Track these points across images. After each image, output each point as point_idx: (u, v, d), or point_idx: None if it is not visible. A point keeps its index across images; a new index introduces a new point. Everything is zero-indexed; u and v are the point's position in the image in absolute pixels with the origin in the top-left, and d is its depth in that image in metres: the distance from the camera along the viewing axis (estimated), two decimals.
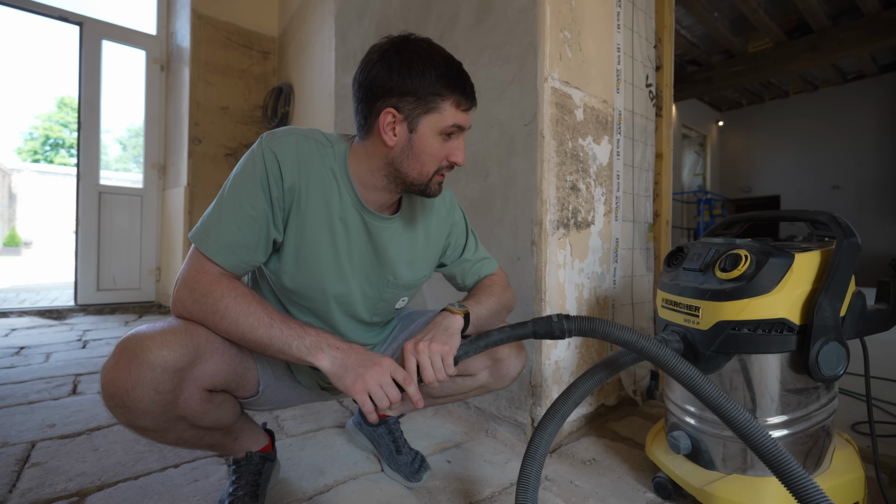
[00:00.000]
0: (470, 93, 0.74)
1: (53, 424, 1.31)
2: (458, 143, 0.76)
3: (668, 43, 1.73)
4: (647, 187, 1.61)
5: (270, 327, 0.68)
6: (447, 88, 0.71)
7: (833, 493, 0.86)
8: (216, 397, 0.75)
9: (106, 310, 3.40)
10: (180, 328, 0.67)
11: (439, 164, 0.76)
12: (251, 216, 0.70)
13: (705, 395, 0.64)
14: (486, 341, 0.73)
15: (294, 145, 0.73)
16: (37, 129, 22.79)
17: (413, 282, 0.89)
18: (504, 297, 0.91)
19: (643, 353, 0.67)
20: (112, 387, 0.62)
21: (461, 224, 0.96)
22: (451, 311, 0.78)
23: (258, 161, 0.71)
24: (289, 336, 0.68)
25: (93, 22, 3.36)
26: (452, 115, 0.73)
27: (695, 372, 0.65)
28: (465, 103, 0.74)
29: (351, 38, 2.22)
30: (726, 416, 0.63)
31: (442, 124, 0.72)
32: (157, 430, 0.69)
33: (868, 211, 7.39)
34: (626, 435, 1.31)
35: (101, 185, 3.43)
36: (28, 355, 2.11)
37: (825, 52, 5.45)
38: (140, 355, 0.62)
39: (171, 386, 0.65)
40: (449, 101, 0.72)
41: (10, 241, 14.15)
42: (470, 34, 1.46)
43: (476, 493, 1.00)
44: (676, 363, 0.65)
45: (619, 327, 0.67)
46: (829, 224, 0.88)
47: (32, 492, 0.96)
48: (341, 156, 0.78)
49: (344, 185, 0.77)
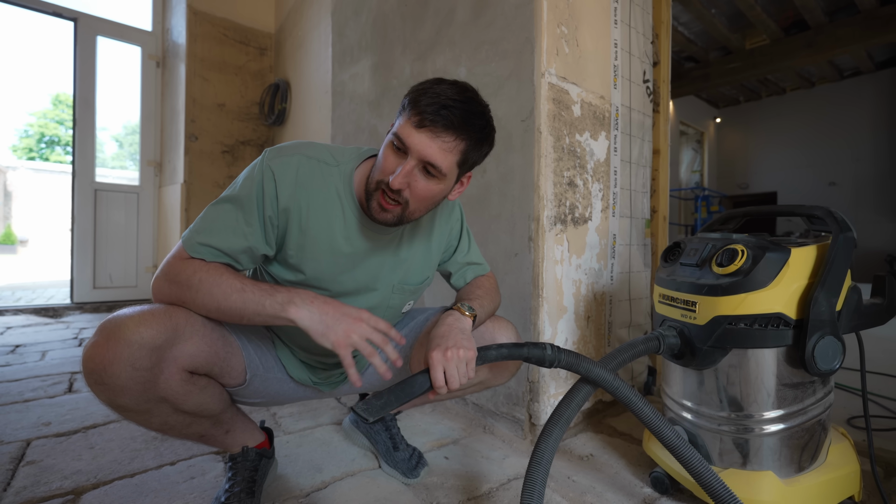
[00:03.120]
0: (428, 110, 0.65)
1: (49, 422, 1.31)
2: (406, 164, 0.67)
3: (665, 39, 1.72)
4: (645, 183, 1.61)
5: (243, 292, 0.68)
6: (410, 96, 0.68)
7: (829, 486, 0.86)
8: (199, 380, 0.75)
9: (102, 308, 3.38)
10: (159, 309, 0.69)
11: (383, 176, 0.70)
12: (242, 231, 0.72)
13: (661, 437, 0.74)
14: (499, 353, 0.75)
15: (295, 166, 0.74)
16: (32, 126, 22.62)
17: (419, 285, 0.90)
18: (497, 301, 0.94)
19: (616, 395, 0.76)
20: (90, 363, 0.64)
21: (459, 223, 0.96)
22: (461, 311, 0.79)
23: (257, 177, 0.73)
24: (261, 296, 0.68)
25: (87, 18, 3.33)
26: (402, 125, 0.68)
27: (660, 418, 0.74)
28: (416, 118, 0.66)
29: (348, 34, 2.21)
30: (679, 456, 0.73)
31: (394, 132, 0.69)
32: (139, 411, 0.70)
33: (864, 207, 7.42)
34: (624, 430, 1.31)
35: (96, 183, 3.40)
36: (24, 353, 2.10)
37: (822, 48, 5.45)
38: (117, 333, 0.64)
39: (148, 363, 0.66)
40: (407, 111, 0.68)
41: (6, 239, 14.07)
42: (467, 29, 1.45)
43: (474, 490, 1.00)
44: (642, 406, 0.74)
45: (598, 367, 0.75)
46: (825, 219, 0.88)
47: (27, 490, 0.95)
48: (346, 175, 0.78)
49: (348, 203, 0.77)
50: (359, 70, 2.10)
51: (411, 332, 0.96)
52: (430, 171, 0.69)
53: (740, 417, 0.88)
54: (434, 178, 0.70)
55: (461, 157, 0.70)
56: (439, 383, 0.69)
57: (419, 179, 0.69)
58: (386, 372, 0.71)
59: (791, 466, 0.87)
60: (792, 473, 0.87)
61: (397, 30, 1.81)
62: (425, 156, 0.67)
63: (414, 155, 0.67)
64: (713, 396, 0.91)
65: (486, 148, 0.74)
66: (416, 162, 0.68)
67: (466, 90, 0.70)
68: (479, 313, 0.83)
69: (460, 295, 0.92)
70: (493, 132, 0.75)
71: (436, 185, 0.71)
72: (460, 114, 0.66)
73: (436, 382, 0.69)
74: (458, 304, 0.82)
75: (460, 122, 0.67)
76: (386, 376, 0.72)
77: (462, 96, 0.68)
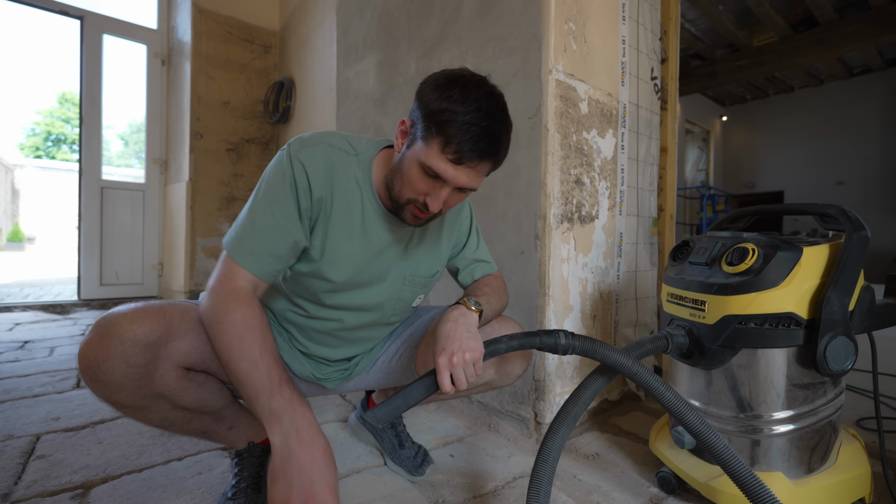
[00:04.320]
0: (464, 148, 0.63)
1: (58, 417, 1.32)
2: (441, 190, 0.68)
3: (673, 35, 1.70)
4: (652, 181, 1.60)
5: (254, 366, 0.63)
6: (434, 119, 0.64)
7: (839, 488, 0.85)
8: (196, 377, 0.75)
9: (109, 304, 3.41)
10: (153, 307, 0.69)
11: (415, 195, 0.71)
12: (284, 227, 0.72)
13: (692, 427, 0.68)
14: (508, 345, 0.73)
15: (323, 156, 0.74)
16: (38, 124, 22.81)
17: (430, 279, 0.90)
18: (504, 301, 0.93)
19: (636, 379, 0.72)
20: (85, 360, 0.64)
21: (468, 219, 0.96)
22: (468, 306, 0.78)
23: (287, 171, 0.72)
24: (262, 384, 0.62)
25: (93, 16, 3.35)
26: (435, 156, 0.65)
27: (683, 402, 0.70)
28: (452, 155, 0.64)
29: (353, 32, 2.21)
30: (714, 452, 0.67)
31: (421, 157, 0.67)
32: (137, 408, 0.70)
33: (872, 207, 7.34)
34: (630, 430, 1.31)
35: (103, 181, 3.43)
36: (32, 349, 2.12)
37: (831, 45, 5.38)
38: (111, 330, 0.64)
39: (142, 360, 0.66)
40: (436, 139, 0.65)
41: (14, 236, 14.20)
42: (473, 26, 1.44)
43: (479, 487, 1.00)
44: (665, 391, 0.70)
45: (617, 351, 0.72)
46: (839, 217, 0.87)
47: (38, 484, 0.96)
48: (365, 164, 0.78)
49: (366, 193, 0.78)
50: (364, 67, 2.10)
51: (417, 331, 0.95)
52: (464, 189, 0.71)
53: (749, 418, 0.87)
54: (466, 192, 0.73)
55: (490, 170, 0.72)
56: (446, 388, 0.69)
57: (453, 196, 0.72)
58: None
59: (801, 468, 0.86)
60: (802, 475, 0.86)
61: (403, 27, 1.81)
62: (462, 184, 0.69)
63: (450, 184, 0.69)
64: (722, 396, 0.90)
65: (506, 154, 0.75)
66: (451, 188, 0.70)
67: (494, 101, 0.66)
68: (485, 309, 0.81)
69: (467, 292, 0.92)
70: (511, 130, 0.74)
71: (466, 195, 0.74)
72: (495, 140, 0.67)
73: (443, 388, 0.69)
74: (465, 298, 0.81)
75: (494, 148, 0.67)
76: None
77: (491, 118, 0.65)
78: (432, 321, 0.94)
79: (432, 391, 0.70)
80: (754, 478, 0.63)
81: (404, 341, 0.96)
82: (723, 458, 0.65)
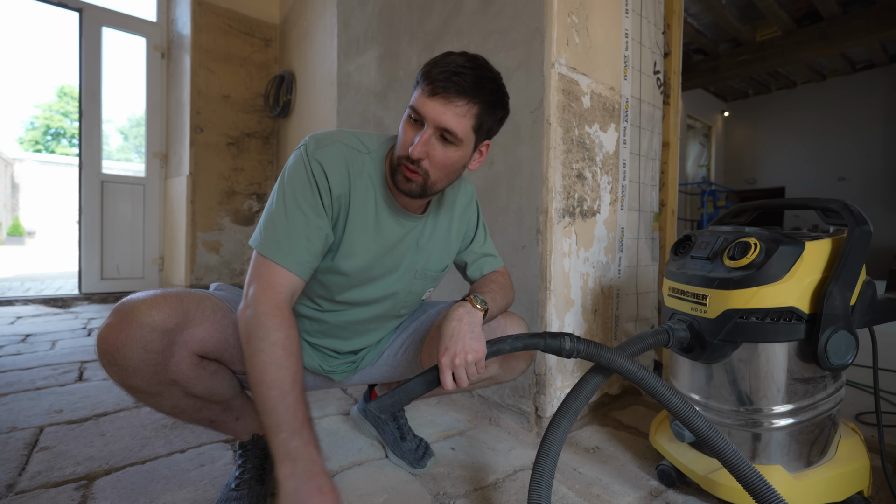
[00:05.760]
0: (439, 78, 0.67)
1: (61, 410, 1.32)
2: (420, 135, 0.70)
3: (676, 29, 1.69)
4: (654, 176, 1.59)
5: (282, 398, 0.64)
6: (423, 70, 0.70)
7: (838, 481, 0.86)
8: (209, 365, 0.76)
9: (110, 298, 3.41)
10: (171, 294, 0.70)
11: (404, 151, 0.72)
12: (316, 224, 0.73)
13: (700, 433, 0.69)
14: (512, 346, 0.74)
15: (338, 155, 0.75)
16: (38, 118, 22.72)
17: (440, 272, 0.92)
18: (510, 298, 0.93)
19: (642, 385, 0.73)
20: (104, 344, 0.65)
21: (475, 213, 0.97)
22: (473, 304, 0.78)
23: (308, 172, 0.73)
24: (284, 420, 0.63)
25: (92, 8, 3.32)
26: (417, 98, 0.70)
27: (690, 408, 0.70)
28: (428, 87, 0.68)
29: (353, 25, 2.19)
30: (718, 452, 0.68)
31: (409, 104, 0.72)
32: (151, 393, 0.71)
33: (874, 203, 7.32)
34: (630, 423, 1.31)
35: (103, 174, 3.42)
36: (34, 342, 2.12)
37: (835, 41, 5.35)
38: (130, 315, 0.65)
39: (160, 346, 0.67)
40: (421, 84, 0.70)
41: (14, 230, 14.20)
42: (475, 19, 1.43)
43: (480, 480, 1.00)
44: (671, 397, 0.71)
45: (621, 356, 0.73)
46: (841, 212, 0.86)
47: (42, 475, 0.97)
48: (378, 162, 0.80)
49: (380, 190, 0.79)
50: (365, 61, 2.09)
51: (422, 325, 0.96)
52: (447, 137, 0.70)
53: (749, 412, 0.88)
54: (451, 144, 0.71)
55: (476, 121, 0.71)
56: (449, 387, 0.70)
57: (437, 148, 0.71)
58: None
59: (800, 461, 0.87)
60: (801, 468, 0.87)
61: (404, 20, 1.80)
62: (440, 122, 0.68)
63: (430, 123, 0.69)
64: (722, 390, 0.91)
65: (499, 112, 0.75)
66: (432, 130, 0.69)
67: (476, 58, 0.71)
68: (490, 307, 0.82)
69: (474, 288, 0.92)
70: (507, 98, 0.75)
71: (454, 151, 0.72)
72: (471, 79, 0.68)
73: (445, 386, 0.70)
74: (471, 295, 0.81)
75: (472, 86, 0.68)
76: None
77: (472, 63, 0.70)
78: (438, 316, 0.95)
79: (434, 386, 0.71)
80: (760, 478, 0.64)
81: (409, 335, 0.97)
82: (732, 464, 0.66)
